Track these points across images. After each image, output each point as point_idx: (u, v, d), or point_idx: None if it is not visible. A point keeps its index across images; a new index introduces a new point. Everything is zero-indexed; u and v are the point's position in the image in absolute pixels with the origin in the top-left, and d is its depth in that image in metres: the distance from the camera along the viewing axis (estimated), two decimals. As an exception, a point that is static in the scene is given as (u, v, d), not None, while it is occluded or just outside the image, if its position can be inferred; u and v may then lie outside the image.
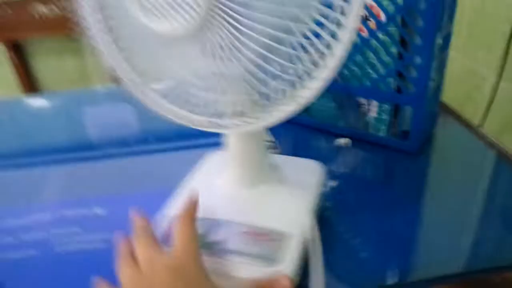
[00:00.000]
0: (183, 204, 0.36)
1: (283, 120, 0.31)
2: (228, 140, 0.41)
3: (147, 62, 0.36)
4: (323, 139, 0.63)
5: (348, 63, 0.57)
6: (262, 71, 0.29)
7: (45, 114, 0.83)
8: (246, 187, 0.43)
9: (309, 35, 0.28)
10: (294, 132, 0.66)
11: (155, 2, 0.27)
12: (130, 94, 0.38)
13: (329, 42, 0.27)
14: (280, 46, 0.28)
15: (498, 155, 0.58)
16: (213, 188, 0.44)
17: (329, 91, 0.61)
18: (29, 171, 0.61)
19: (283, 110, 0.30)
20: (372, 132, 0.60)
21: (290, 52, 0.28)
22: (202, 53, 0.29)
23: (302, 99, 0.29)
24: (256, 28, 0.26)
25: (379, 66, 0.54)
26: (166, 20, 0.27)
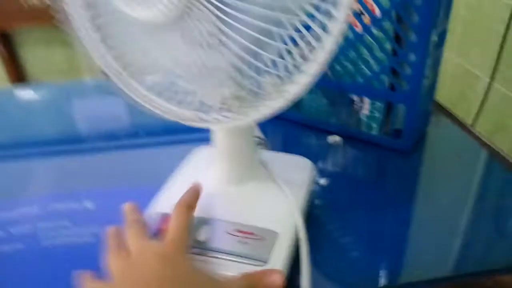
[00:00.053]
0: (185, 192, 0.37)
1: (271, 116, 0.30)
2: (215, 135, 0.40)
3: (132, 54, 0.35)
4: (314, 137, 0.62)
5: (341, 59, 0.56)
6: (249, 65, 0.28)
7: (34, 106, 0.82)
8: (234, 184, 0.42)
9: (299, 27, 0.26)
10: (285, 128, 0.65)
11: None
12: (116, 87, 0.37)
13: (319, 35, 0.25)
14: (269, 40, 0.26)
15: (490, 154, 0.57)
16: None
17: (321, 88, 0.60)
18: (17, 164, 0.60)
19: (271, 105, 0.29)
20: (364, 130, 0.59)
21: (279, 46, 0.27)
22: (186, 43, 0.27)
23: (290, 94, 0.27)
24: (243, 19, 0.25)
25: (373, 63, 0.53)
26: (147, 8, 0.25)
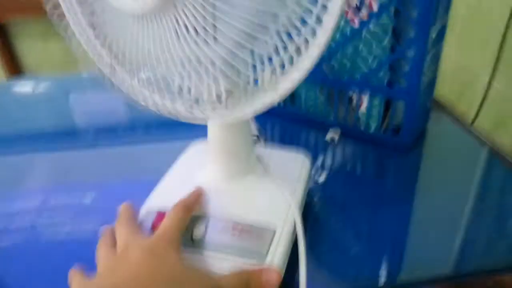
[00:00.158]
0: (186, 194, 0.37)
1: (263, 111, 0.29)
2: (210, 131, 0.39)
3: (125, 47, 0.34)
4: (312, 133, 0.61)
5: (338, 56, 0.55)
6: (242, 60, 0.27)
7: (31, 100, 0.82)
8: (230, 180, 0.41)
9: (294, 21, 0.25)
10: (282, 125, 0.64)
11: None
12: (109, 82, 0.36)
13: (313, 28, 0.24)
14: (260, 34, 0.25)
15: (490, 152, 0.56)
16: (195, 181, 0.41)
17: (318, 84, 0.59)
18: (15, 158, 0.60)
19: (264, 101, 0.28)
20: (363, 127, 0.58)
21: (272, 40, 0.26)
22: (176, 36, 0.27)
23: (282, 90, 0.26)
24: (234, 13, 0.24)
25: (371, 59, 0.52)
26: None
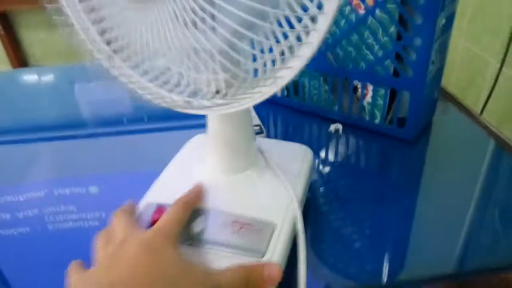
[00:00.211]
0: (187, 191, 0.37)
1: (262, 101, 0.28)
2: (210, 122, 0.38)
3: (124, 37, 0.33)
4: (315, 124, 0.60)
5: (343, 44, 0.53)
6: (241, 50, 0.26)
7: (37, 91, 0.82)
8: (230, 174, 0.40)
9: (294, 7, 0.24)
10: (285, 116, 0.63)
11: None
12: (107, 72, 0.36)
13: (314, 14, 0.23)
14: (260, 21, 0.24)
15: (498, 144, 0.55)
16: (194, 175, 0.41)
17: (322, 74, 0.58)
18: (21, 148, 0.60)
19: (264, 91, 0.27)
20: (367, 118, 0.57)
21: (272, 28, 0.25)
22: (174, 25, 0.25)
23: (282, 79, 0.25)
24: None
25: (376, 47, 0.51)
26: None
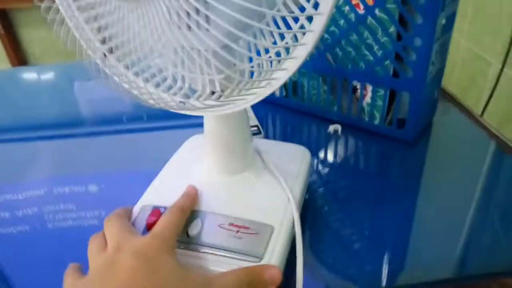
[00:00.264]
0: (180, 196, 0.36)
1: (257, 102, 0.27)
2: (206, 123, 0.37)
3: (118, 36, 0.33)
4: (314, 125, 0.59)
5: (342, 44, 0.53)
6: (235, 51, 0.25)
7: (36, 89, 0.81)
8: (227, 175, 0.39)
9: (290, 6, 0.23)
10: (283, 116, 0.62)
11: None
12: (100, 72, 0.35)
13: (310, 13, 0.22)
14: (256, 22, 0.23)
15: (499, 145, 0.54)
16: (191, 176, 0.40)
17: (321, 74, 0.57)
18: (21, 147, 0.60)
19: (259, 92, 0.26)
20: (367, 119, 0.56)
21: (267, 28, 0.24)
22: (168, 24, 0.25)
23: (277, 81, 0.25)
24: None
25: (376, 47, 0.50)
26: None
